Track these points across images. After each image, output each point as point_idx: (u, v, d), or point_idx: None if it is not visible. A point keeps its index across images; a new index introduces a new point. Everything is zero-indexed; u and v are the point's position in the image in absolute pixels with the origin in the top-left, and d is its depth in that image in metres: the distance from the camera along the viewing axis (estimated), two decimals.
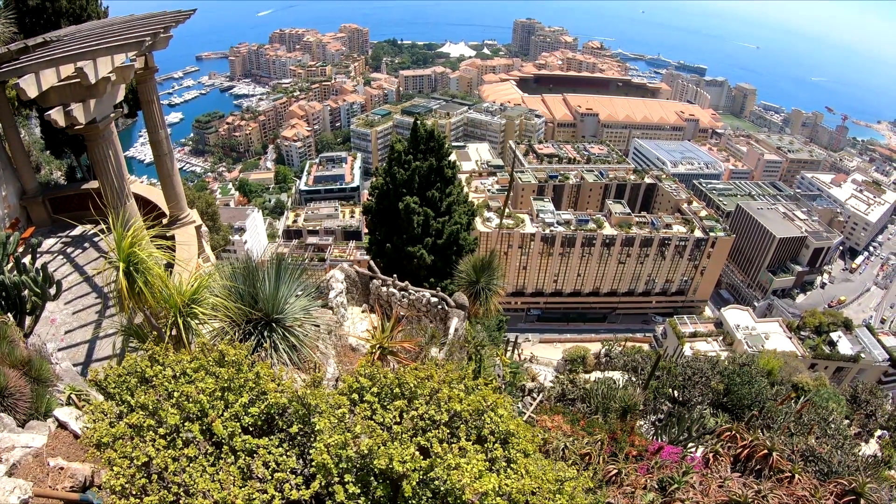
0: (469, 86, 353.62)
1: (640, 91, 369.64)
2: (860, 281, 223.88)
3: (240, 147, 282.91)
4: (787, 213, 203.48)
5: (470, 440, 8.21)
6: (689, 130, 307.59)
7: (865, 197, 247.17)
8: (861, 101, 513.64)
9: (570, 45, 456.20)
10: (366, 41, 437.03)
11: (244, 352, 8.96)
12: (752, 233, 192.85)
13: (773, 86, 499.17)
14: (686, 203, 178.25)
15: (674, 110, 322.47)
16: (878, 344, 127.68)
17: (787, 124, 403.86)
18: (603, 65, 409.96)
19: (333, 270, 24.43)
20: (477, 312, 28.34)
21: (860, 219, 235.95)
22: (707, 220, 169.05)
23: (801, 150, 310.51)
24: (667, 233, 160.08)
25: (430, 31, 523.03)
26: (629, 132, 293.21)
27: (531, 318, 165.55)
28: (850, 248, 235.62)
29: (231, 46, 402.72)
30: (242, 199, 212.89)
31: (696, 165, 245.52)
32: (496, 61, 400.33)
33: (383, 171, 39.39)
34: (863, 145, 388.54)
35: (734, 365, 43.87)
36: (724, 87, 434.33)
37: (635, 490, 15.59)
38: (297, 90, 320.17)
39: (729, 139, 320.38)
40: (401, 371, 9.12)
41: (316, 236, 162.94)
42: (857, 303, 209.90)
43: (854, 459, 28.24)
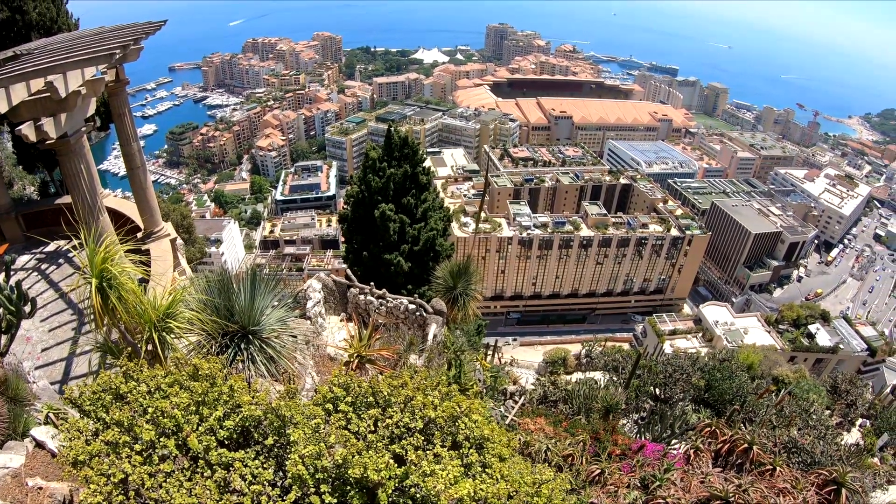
0: (443, 91, 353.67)
1: (613, 93, 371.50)
2: (836, 273, 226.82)
3: (214, 158, 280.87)
4: (761, 209, 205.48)
5: (445, 446, 8.25)
6: (663, 130, 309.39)
7: (839, 191, 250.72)
8: (832, 96, 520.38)
9: (543, 49, 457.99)
10: (339, 49, 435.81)
11: (218, 365, 8.96)
12: (727, 230, 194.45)
13: (745, 84, 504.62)
14: (661, 202, 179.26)
15: (647, 111, 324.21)
16: (856, 334, 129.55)
17: (760, 122, 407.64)
18: (576, 68, 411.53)
19: (310, 280, 24.37)
20: (455, 318, 28.39)
21: (834, 212, 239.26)
22: (683, 218, 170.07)
23: (774, 147, 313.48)
24: (643, 232, 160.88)
25: (404, 38, 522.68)
26: (603, 134, 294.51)
27: (511, 322, 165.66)
28: (825, 241, 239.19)
29: (204, 56, 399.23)
30: (218, 211, 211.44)
31: (670, 165, 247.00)
32: (469, 66, 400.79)
33: (358, 178, 39.37)
34: (834, 140, 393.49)
35: (714, 361, 44.23)
36: (696, 86, 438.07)
37: (618, 489, 15.66)
38: (271, 99, 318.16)
39: (702, 138, 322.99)
40: (374, 380, 9.14)
41: (293, 246, 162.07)
42: (833, 295, 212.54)
43: (836, 449, 28.55)
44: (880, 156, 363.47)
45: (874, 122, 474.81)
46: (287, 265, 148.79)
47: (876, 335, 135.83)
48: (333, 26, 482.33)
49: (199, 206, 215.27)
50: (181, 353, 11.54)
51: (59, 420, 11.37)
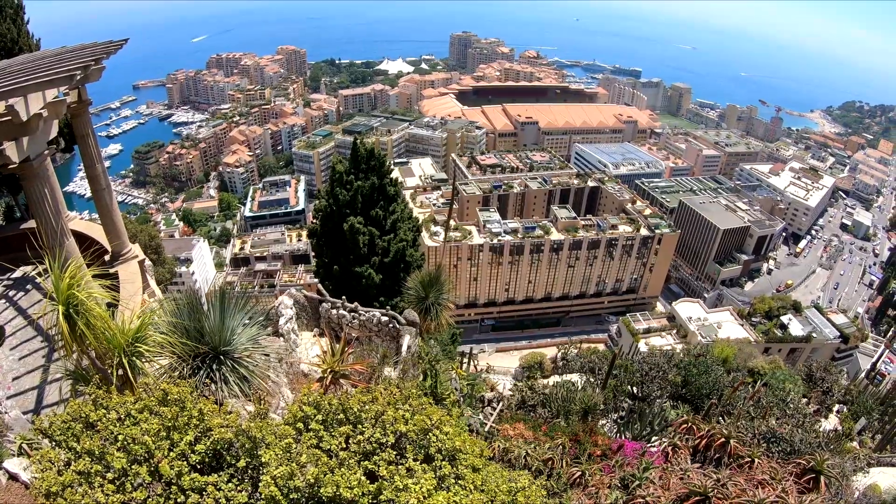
0: (409, 101, 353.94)
1: (578, 97, 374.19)
2: (805, 264, 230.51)
3: (181, 176, 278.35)
4: (729, 205, 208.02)
5: (417, 460, 8.25)
6: (629, 132, 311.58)
7: (804, 183, 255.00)
8: (793, 92, 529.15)
9: (507, 56, 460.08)
10: (304, 62, 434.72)
11: (187, 389, 8.88)
12: (696, 227, 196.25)
13: (709, 84, 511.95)
14: (630, 203, 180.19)
15: (612, 113, 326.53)
16: (828, 323, 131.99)
17: (723, 119, 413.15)
18: (540, 73, 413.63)
19: (282, 297, 24.24)
20: (429, 328, 28.36)
21: (800, 205, 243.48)
22: (652, 218, 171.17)
23: (739, 144, 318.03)
24: (613, 233, 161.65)
25: (368, 50, 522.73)
26: (570, 138, 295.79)
27: (486, 329, 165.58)
28: (793, 233, 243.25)
29: (168, 74, 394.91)
30: (187, 230, 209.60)
31: (637, 166, 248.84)
32: (435, 76, 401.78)
33: (326, 192, 39.26)
34: (798, 134, 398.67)
35: (690, 357, 44.61)
36: (659, 87, 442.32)
37: (599, 490, 15.67)
38: (237, 115, 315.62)
39: (668, 138, 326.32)
40: (344, 396, 9.11)
41: (264, 262, 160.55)
42: (804, 285, 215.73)
43: (815, 436, 28.79)
44: (843, 147, 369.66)
45: (835, 115, 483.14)
46: (258, 282, 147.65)
47: (848, 322, 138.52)
48: (297, 40, 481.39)
49: (167, 225, 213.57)
50: (152, 377, 11.43)
51: (32, 451, 11.23)
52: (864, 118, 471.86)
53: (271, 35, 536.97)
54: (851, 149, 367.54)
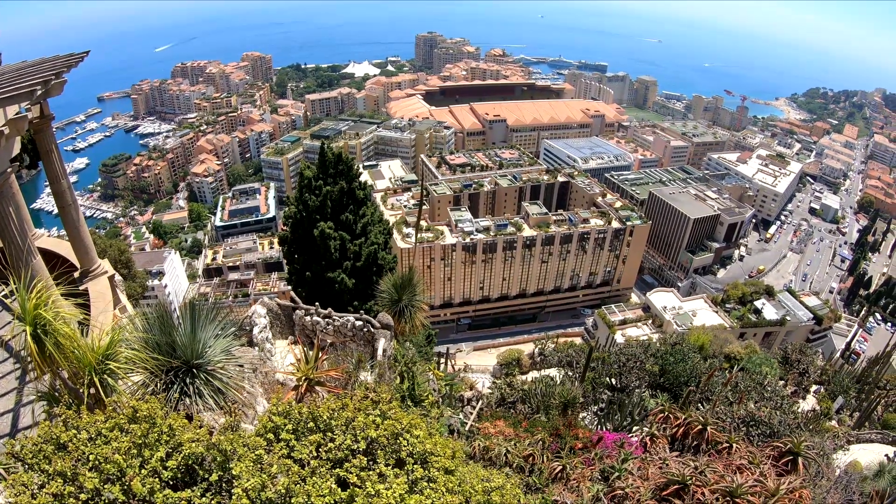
0: (376, 104, 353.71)
1: (545, 93, 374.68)
2: (776, 249, 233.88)
3: (150, 188, 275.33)
4: (698, 194, 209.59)
5: (389, 465, 8.24)
6: (596, 126, 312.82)
7: (771, 170, 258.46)
8: (758, 81, 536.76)
9: (473, 55, 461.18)
10: (269, 68, 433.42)
11: (157, 404, 8.82)
12: (667, 217, 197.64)
13: (675, 76, 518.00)
14: (600, 196, 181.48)
15: (579, 108, 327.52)
16: (801, 305, 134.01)
17: (690, 110, 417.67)
18: (507, 71, 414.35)
19: (255, 306, 24.12)
20: (403, 330, 28.32)
21: (769, 191, 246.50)
22: (622, 210, 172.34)
23: (706, 134, 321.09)
24: (585, 227, 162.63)
25: (333, 53, 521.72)
26: (538, 134, 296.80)
27: (462, 328, 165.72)
28: (763, 219, 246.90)
29: (133, 84, 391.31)
30: (158, 242, 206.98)
31: (606, 159, 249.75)
32: (401, 77, 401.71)
33: (295, 199, 39.12)
34: (764, 122, 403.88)
35: (666, 346, 45.00)
36: (625, 81, 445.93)
37: (580, 484, 15.68)
38: (204, 124, 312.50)
39: (635, 130, 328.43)
40: (314, 404, 9.08)
41: (237, 272, 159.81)
42: (776, 270, 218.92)
43: (794, 417, 29.19)
44: (809, 133, 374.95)
45: (800, 102, 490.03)
46: (232, 292, 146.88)
47: (820, 304, 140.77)
48: (262, 46, 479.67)
49: (137, 238, 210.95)
50: (125, 395, 11.32)
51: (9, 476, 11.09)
52: (829, 104, 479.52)
53: (236, 42, 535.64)
54: (817, 134, 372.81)
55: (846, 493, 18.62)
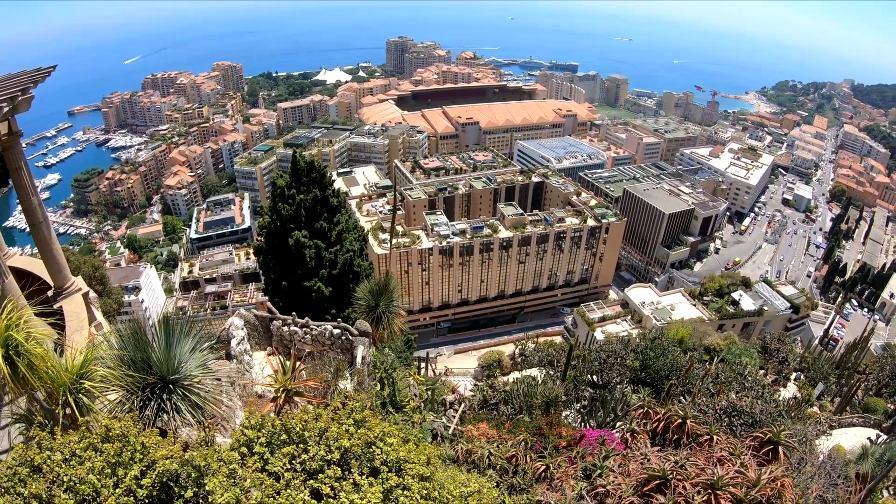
0: (348, 110, 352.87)
1: (516, 94, 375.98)
2: (751, 241, 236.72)
3: (123, 202, 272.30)
4: (672, 189, 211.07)
5: (363, 474, 8.21)
6: (569, 126, 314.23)
7: (743, 163, 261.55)
8: (728, 76, 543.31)
9: (444, 59, 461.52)
10: (240, 77, 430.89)
11: (130, 422, 8.72)
12: (642, 213, 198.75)
13: (645, 74, 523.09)
14: (575, 195, 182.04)
15: (551, 108, 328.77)
16: (777, 295, 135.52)
17: (661, 107, 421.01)
18: (478, 74, 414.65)
19: (232, 318, 23.94)
20: (382, 337, 28.25)
21: (742, 184, 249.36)
22: (598, 208, 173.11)
23: (678, 129, 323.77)
24: (561, 226, 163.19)
25: (305, 61, 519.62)
26: (511, 135, 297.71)
27: (442, 331, 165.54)
28: (737, 211, 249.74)
29: (103, 97, 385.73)
30: (133, 257, 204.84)
31: (579, 158, 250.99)
32: (373, 83, 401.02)
33: (269, 208, 38.93)
34: (734, 116, 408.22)
35: (646, 341, 45.19)
36: (597, 80, 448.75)
37: (564, 482, 15.68)
38: (176, 135, 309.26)
39: (607, 129, 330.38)
40: (286, 416, 9.02)
41: (214, 284, 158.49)
42: (751, 261, 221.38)
43: (775, 406, 29.41)
44: (779, 125, 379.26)
45: (770, 95, 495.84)
46: (210, 304, 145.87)
47: (797, 293, 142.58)
48: (233, 55, 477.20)
49: (112, 254, 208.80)
50: (100, 414, 11.18)
51: None
52: (798, 96, 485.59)
53: (206, 51, 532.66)
54: (787, 126, 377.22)
55: (830, 477, 18.76)
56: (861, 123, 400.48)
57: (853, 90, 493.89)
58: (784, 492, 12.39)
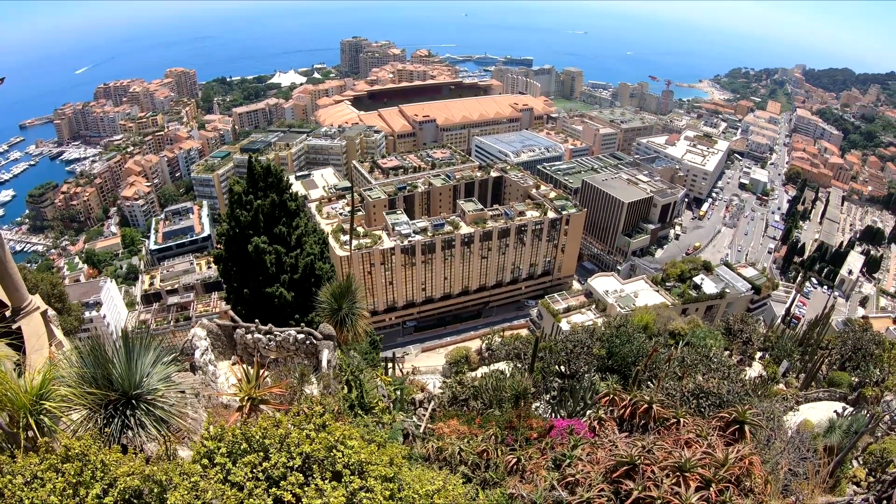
0: (304, 113, 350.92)
1: (472, 91, 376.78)
2: (710, 225, 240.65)
3: (80, 216, 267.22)
4: (630, 178, 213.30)
5: (325, 479, 8.18)
6: (525, 120, 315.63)
7: (699, 150, 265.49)
8: (681, 66, 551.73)
9: (399, 58, 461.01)
10: (194, 83, 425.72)
11: (89, 441, 8.60)
12: (601, 203, 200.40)
13: (600, 66, 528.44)
14: (534, 188, 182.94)
15: (508, 103, 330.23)
16: (738, 277, 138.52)
17: (616, 98, 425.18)
18: (434, 71, 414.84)
19: (194, 328, 23.65)
20: (346, 339, 28.11)
21: (699, 170, 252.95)
22: (557, 200, 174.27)
23: (633, 119, 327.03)
24: (521, 220, 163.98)
25: (259, 64, 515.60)
26: (468, 132, 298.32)
27: (408, 331, 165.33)
28: (695, 197, 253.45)
29: (55, 109, 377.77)
30: (93, 272, 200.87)
31: (537, 151, 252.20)
32: (328, 84, 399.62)
33: (227, 215, 38.57)
34: (689, 104, 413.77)
35: (611, 329, 45.59)
36: (552, 74, 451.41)
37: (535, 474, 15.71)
38: (131, 145, 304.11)
39: (564, 121, 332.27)
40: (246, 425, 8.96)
41: (176, 295, 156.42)
42: (711, 245, 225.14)
43: (741, 385, 29.84)
44: (733, 112, 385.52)
45: (723, 83, 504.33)
46: (173, 316, 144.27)
47: (757, 274, 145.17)
48: (185, 61, 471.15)
49: (71, 269, 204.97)
50: (62, 434, 10.98)
51: None
52: (751, 83, 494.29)
53: (158, 58, 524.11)
54: (741, 112, 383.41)
55: (799, 452, 19.00)
56: (813, 107, 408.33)
57: (805, 75, 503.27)
58: (752, 469, 12.53)
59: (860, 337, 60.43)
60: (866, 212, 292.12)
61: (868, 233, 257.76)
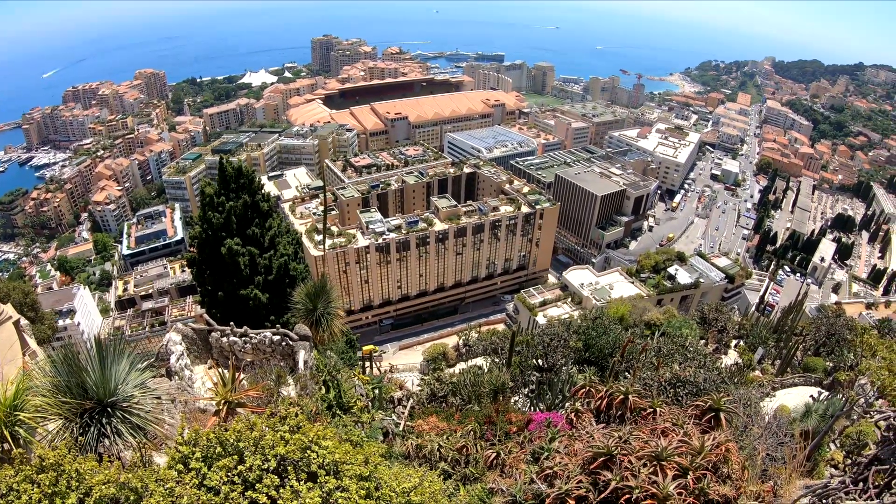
0: (276, 112, 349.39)
1: (444, 87, 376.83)
2: (683, 217, 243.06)
3: (51, 222, 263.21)
4: (603, 172, 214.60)
5: (301, 480, 8.17)
6: (498, 115, 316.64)
7: (671, 142, 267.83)
8: (652, 59, 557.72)
9: (371, 55, 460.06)
10: (164, 84, 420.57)
11: (64, 450, 8.51)
12: (575, 197, 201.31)
13: (571, 60, 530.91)
14: (508, 184, 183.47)
15: (479, 99, 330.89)
16: (712, 267, 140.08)
17: (588, 92, 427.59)
18: (405, 69, 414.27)
19: (168, 334, 23.42)
20: (322, 339, 27.99)
21: (671, 162, 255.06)
22: (531, 195, 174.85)
23: (605, 113, 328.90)
24: (495, 215, 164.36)
25: (229, 64, 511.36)
26: (441, 128, 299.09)
27: (385, 329, 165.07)
28: (668, 189, 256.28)
29: (23, 114, 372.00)
30: (65, 279, 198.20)
31: (510, 147, 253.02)
32: (299, 83, 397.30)
33: (199, 218, 38.27)
34: (660, 97, 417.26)
35: (587, 321, 45.80)
36: (523, 69, 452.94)
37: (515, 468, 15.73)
38: (101, 149, 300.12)
39: (536, 116, 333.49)
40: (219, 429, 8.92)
41: (151, 300, 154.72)
42: (685, 236, 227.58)
43: (717, 373, 30.07)
44: (704, 104, 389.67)
45: (694, 76, 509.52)
46: (148, 322, 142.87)
47: (731, 263, 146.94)
48: (155, 62, 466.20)
49: (43, 277, 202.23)
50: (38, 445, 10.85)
51: None
52: (721, 75, 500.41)
53: (127, 60, 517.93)
54: (712, 105, 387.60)
55: (777, 437, 19.19)
56: (783, 98, 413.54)
57: (775, 67, 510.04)
58: (729, 456, 12.61)
59: (833, 322, 61.52)
60: (837, 200, 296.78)
61: (839, 220, 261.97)
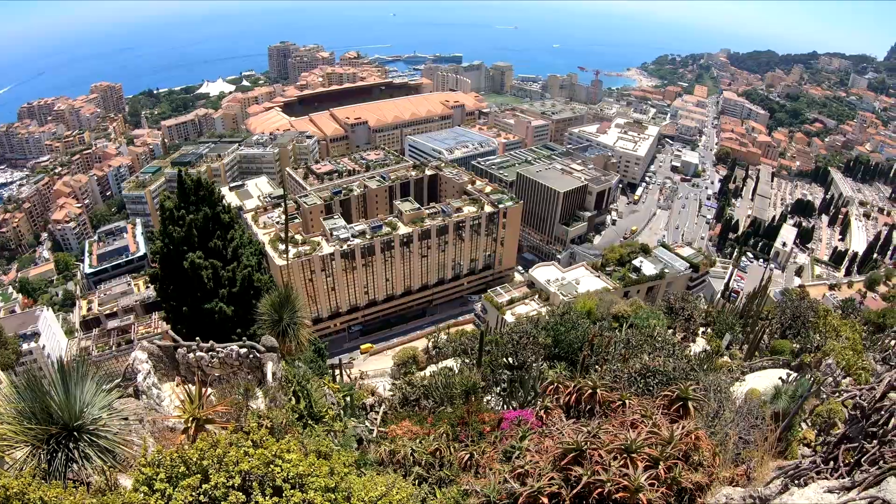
0: (235, 122, 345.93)
1: (403, 90, 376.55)
2: (645, 209, 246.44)
3: (10, 243, 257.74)
4: (564, 168, 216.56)
5: (266, 495, 8.15)
6: (457, 116, 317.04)
7: (631, 136, 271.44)
8: (609, 55, 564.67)
9: (328, 61, 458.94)
10: (120, 97, 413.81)
11: (28, 478, 8.42)
12: (537, 195, 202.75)
13: (529, 59, 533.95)
14: (470, 184, 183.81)
15: (439, 101, 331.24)
16: (676, 257, 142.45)
17: (546, 90, 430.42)
18: (363, 73, 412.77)
19: (134, 352, 23.15)
20: (290, 349, 27.83)
21: (631, 156, 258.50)
22: (493, 194, 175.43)
23: (564, 110, 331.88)
24: (459, 216, 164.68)
25: (186, 75, 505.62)
26: (401, 131, 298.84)
27: (354, 335, 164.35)
28: (629, 183, 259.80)
29: None
30: (28, 301, 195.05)
31: (470, 147, 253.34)
32: (258, 91, 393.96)
33: (159, 232, 37.88)
34: (618, 93, 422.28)
35: (555, 317, 46.03)
36: (482, 69, 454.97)
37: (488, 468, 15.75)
38: (59, 166, 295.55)
39: (496, 116, 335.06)
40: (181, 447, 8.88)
41: (116, 319, 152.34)
42: (648, 228, 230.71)
43: (687, 361, 30.37)
44: (662, 98, 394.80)
45: (651, 70, 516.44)
46: (115, 341, 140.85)
47: (694, 252, 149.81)
48: (111, 74, 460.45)
49: (5, 301, 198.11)
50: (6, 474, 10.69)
51: None
52: (678, 68, 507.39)
53: (83, 73, 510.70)
54: (670, 98, 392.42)
55: (748, 420, 19.46)
56: (739, 89, 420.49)
57: (730, 58, 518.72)
58: (699, 443, 12.72)
59: (798, 305, 62.95)
60: (796, 186, 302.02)
61: (799, 206, 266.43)
